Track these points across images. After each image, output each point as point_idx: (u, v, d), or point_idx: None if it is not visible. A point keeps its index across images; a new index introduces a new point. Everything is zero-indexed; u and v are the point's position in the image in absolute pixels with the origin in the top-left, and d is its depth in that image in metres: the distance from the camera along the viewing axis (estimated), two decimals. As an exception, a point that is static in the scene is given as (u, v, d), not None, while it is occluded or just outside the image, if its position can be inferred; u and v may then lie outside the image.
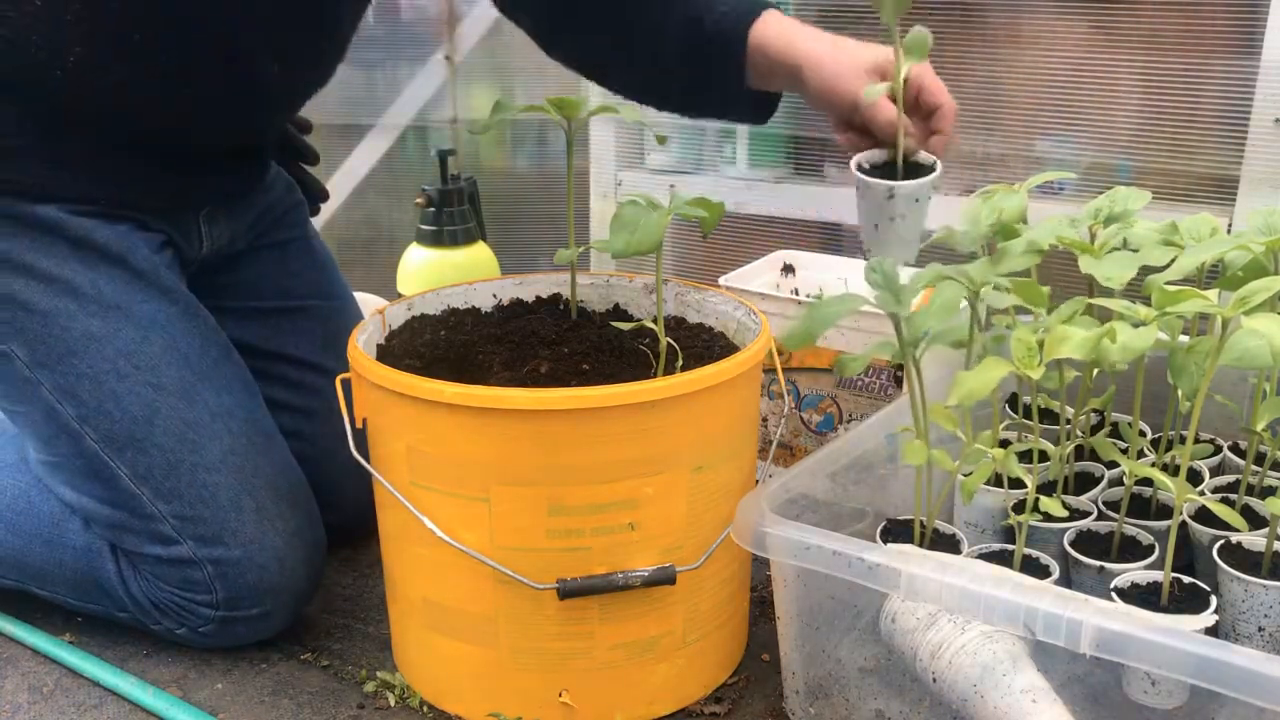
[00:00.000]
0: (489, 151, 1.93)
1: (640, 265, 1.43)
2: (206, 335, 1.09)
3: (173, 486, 1.02)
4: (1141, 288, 0.93)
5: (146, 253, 1.07)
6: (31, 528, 1.11)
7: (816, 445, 1.27)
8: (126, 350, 1.03)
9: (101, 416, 1.02)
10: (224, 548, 1.02)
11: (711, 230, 0.95)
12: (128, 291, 1.05)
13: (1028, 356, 0.83)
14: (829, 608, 0.89)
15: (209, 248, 1.17)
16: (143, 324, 1.04)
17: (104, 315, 1.03)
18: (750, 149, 1.57)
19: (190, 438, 1.03)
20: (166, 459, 1.02)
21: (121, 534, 1.06)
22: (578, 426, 0.86)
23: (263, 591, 1.03)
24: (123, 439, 1.02)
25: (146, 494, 1.02)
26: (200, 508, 1.02)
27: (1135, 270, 0.90)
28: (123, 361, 1.03)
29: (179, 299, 1.08)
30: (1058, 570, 0.88)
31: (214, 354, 1.09)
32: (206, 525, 1.02)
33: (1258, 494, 0.95)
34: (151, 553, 1.04)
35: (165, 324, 1.06)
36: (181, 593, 1.04)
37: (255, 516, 1.03)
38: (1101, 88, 1.34)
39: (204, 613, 1.04)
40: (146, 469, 1.02)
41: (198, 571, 1.02)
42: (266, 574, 1.03)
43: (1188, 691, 0.78)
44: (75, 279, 1.03)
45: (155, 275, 1.07)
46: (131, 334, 1.04)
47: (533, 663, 0.93)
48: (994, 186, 1.06)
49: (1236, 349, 0.79)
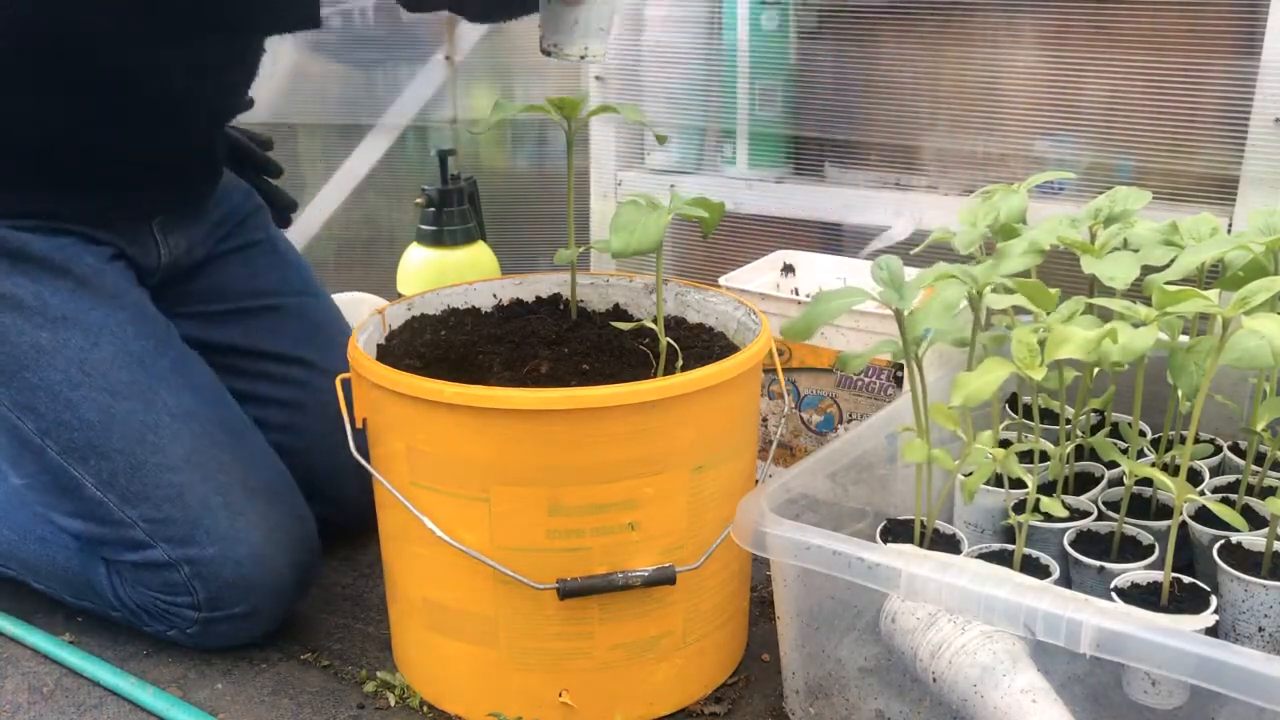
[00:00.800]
0: (489, 151, 1.93)
1: (640, 265, 1.43)
2: (160, 338, 1.09)
3: (138, 490, 1.02)
4: (1142, 288, 0.93)
5: (91, 261, 1.07)
6: (24, 523, 1.11)
7: (816, 445, 1.27)
8: (77, 359, 1.03)
9: (60, 427, 1.03)
10: (197, 547, 1.02)
11: (711, 230, 0.95)
12: (74, 301, 1.05)
13: (1029, 357, 0.83)
14: (829, 608, 0.89)
15: (168, 257, 1.17)
16: (92, 331, 1.05)
17: (51, 327, 1.04)
18: (750, 149, 1.57)
19: (150, 440, 1.03)
20: (128, 462, 1.02)
21: (98, 545, 1.06)
22: (578, 426, 0.86)
23: (243, 589, 1.03)
24: (83, 447, 1.03)
25: (113, 500, 1.03)
26: (169, 508, 1.02)
27: (1138, 270, 0.90)
28: (75, 370, 1.03)
29: (127, 304, 1.08)
30: (1058, 570, 0.87)
31: (170, 355, 1.09)
32: (177, 526, 1.02)
33: (1258, 494, 0.95)
34: (128, 559, 1.04)
35: (115, 330, 1.06)
36: (164, 596, 1.04)
37: (226, 513, 1.03)
38: (1101, 88, 1.34)
39: (188, 614, 1.04)
40: (110, 475, 1.02)
41: (175, 573, 1.02)
42: (244, 570, 1.03)
43: (1188, 691, 0.78)
44: (18, 293, 1.04)
45: (100, 282, 1.07)
46: (81, 342, 1.04)
47: (533, 663, 0.93)
48: (994, 186, 1.06)
49: (1236, 349, 0.79)
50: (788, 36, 1.52)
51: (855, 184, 1.53)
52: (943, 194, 1.46)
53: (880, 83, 1.48)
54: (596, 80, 1.64)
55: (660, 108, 1.61)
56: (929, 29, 1.43)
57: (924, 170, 1.49)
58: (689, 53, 1.58)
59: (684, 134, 1.62)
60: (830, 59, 1.50)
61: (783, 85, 1.54)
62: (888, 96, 1.48)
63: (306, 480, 1.14)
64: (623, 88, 1.63)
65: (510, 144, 1.92)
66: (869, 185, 1.52)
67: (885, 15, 1.45)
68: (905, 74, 1.45)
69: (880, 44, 1.47)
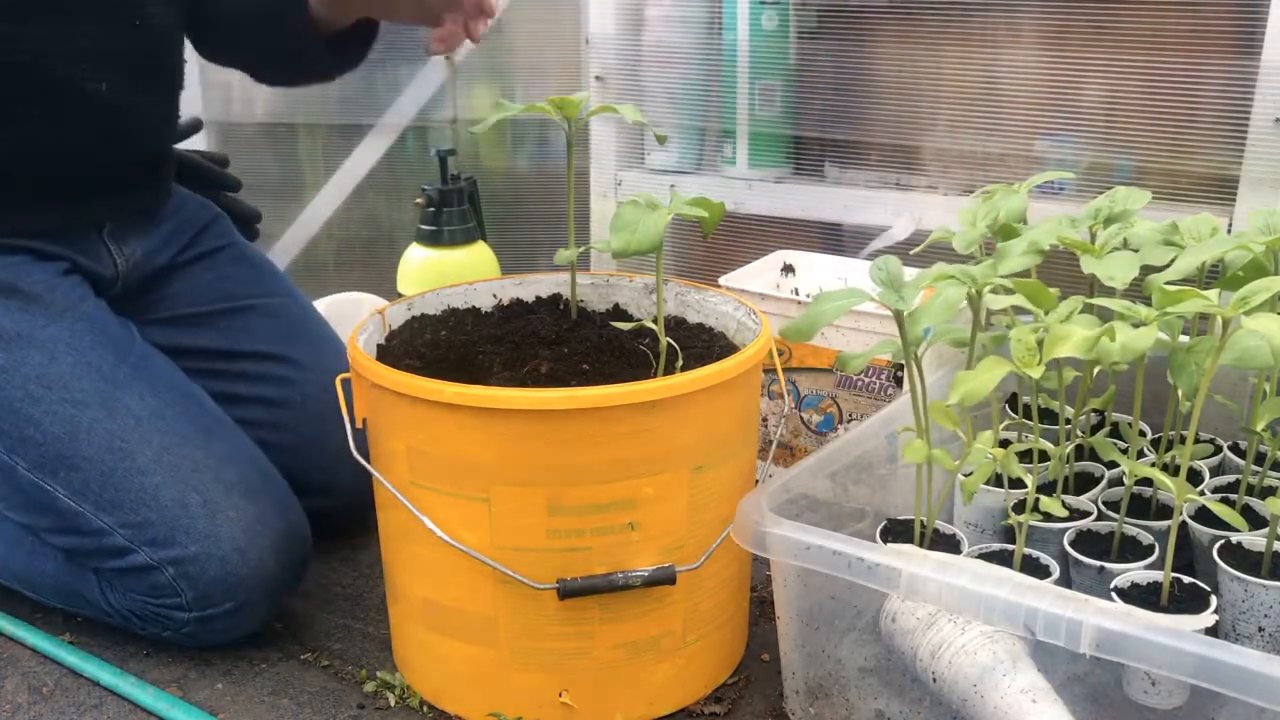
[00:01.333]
0: (489, 151, 1.93)
1: (640, 265, 1.43)
2: (120, 344, 1.10)
3: (112, 496, 1.02)
4: (1142, 288, 0.93)
5: (40, 277, 1.08)
6: (14, 536, 1.11)
7: (816, 445, 1.27)
8: (35, 374, 1.04)
9: (26, 444, 1.03)
10: (179, 547, 1.02)
11: (711, 230, 0.95)
12: (25, 318, 1.06)
13: (1028, 356, 0.83)
14: (829, 608, 0.89)
15: (125, 265, 1.17)
16: (47, 346, 1.05)
17: (5, 347, 1.04)
18: (750, 149, 1.57)
19: (118, 446, 1.03)
20: (99, 470, 1.03)
21: (82, 556, 1.06)
22: (578, 426, 0.86)
23: (230, 585, 1.03)
24: (52, 460, 1.03)
25: (88, 509, 1.03)
26: (145, 512, 1.02)
27: (1138, 270, 0.90)
28: (34, 385, 1.03)
29: (82, 316, 1.09)
30: (1058, 570, 0.87)
31: (131, 361, 1.09)
32: (156, 528, 1.02)
33: (1258, 494, 0.95)
34: (113, 566, 1.04)
35: (71, 341, 1.06)
36: (153, 600, 1.04)
37: (204, 511, 1.03)
38: (1101, 88, 1.34)
39: (178, 616, 1.04)
40: (82, 484, 1.03)
41: (160, 576, 1.02)
42: (229, 566, 1.03)
43: (1188, 691, 0.78)
44: None
45: (52, 297, 1.07)
46: (38, 358, 1.04)
47: (533, 663, 0.93)
48: (994, 186, 1.06)
49: (1236, 349, 0.79)
50: (788, 36, 1.52)
51: (855, 184, 1.53)
52: (943, 194, 1.46)
53: (880, 83, 1.48)
54: (596, 80, 1.64)
55: (660, 108, 1.61)
56: (929, 29, 1.43)
57: (924, 170, 1.49)
58: (689, 53, 1.58)
59: (684, 134, 1.62)
60: (830, 59, 1.50)
61: (783, 85, 1.54)
62: (888, 96, 1.48)
63: (298, 476, 1.14)
64: (623, 88, 1.63)
65: (510, 144, 1.92)
66: (869, 185, 1.52)
67: (885, 15, 1.46)
68: (905, 74, 1.45)
69: (880, 44, 1.47)
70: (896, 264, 0.88)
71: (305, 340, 1.26)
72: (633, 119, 1.02)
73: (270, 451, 1.13)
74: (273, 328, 1.25)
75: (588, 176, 1.70)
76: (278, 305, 1.27)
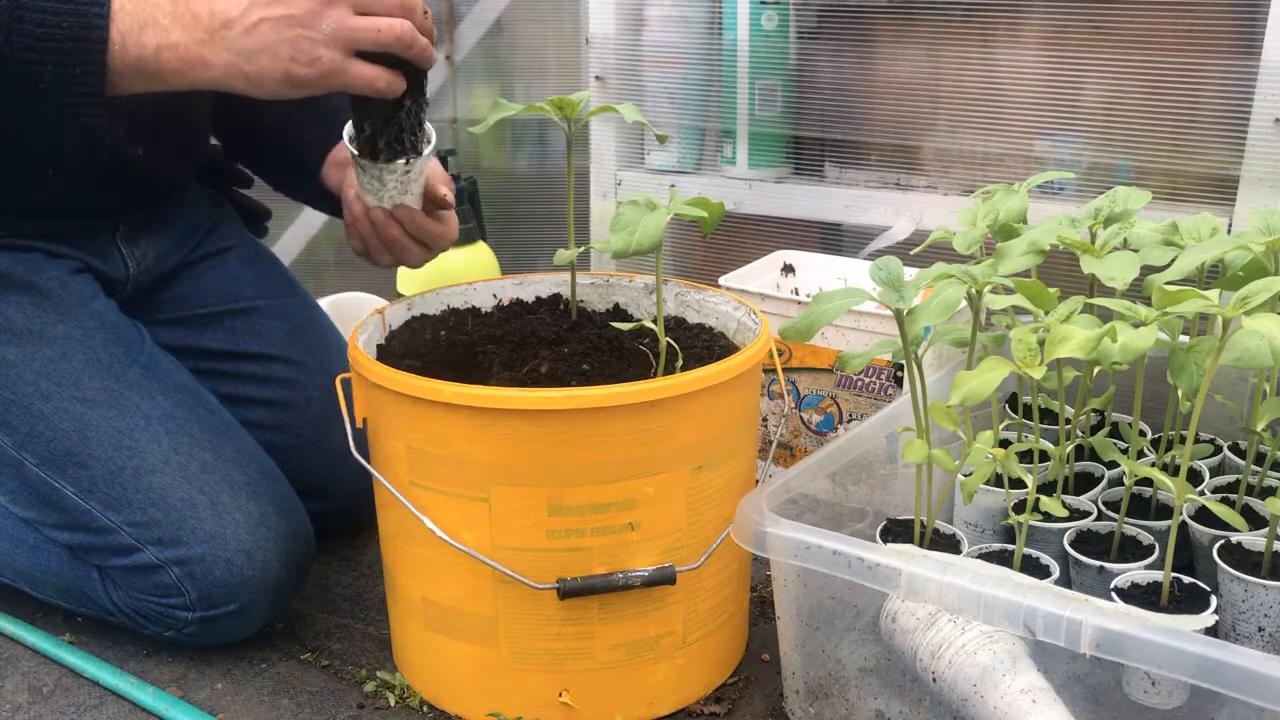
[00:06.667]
0: (489, 151, 1.93)
1: (640, 265, 1.43)
2: (130, 344, 1.10)
3: (119, 495, 1.02)
4: (1142, 288, 0.93)
5: (54, 274, 1.08)
6: (17, 533, 1.11)
7: (816, 445, 1.27)
8: (46, 371, 1.04)
9: (35, 439, 1.03)
10: (185, 547, 1.02)
11: (711, 230, 0.95)
12: (38, 314, 1.06)
13: (1029, 356, 0.83)
14: (829, 608, 0.89)
15: (136, 268, 1.17)
16: (59, 343, 1.05)
17: (17, 342, 1.04)
18: (750, 149, 1.57)
19: (127, 445, 1.03)
20: (107, 469, 1.03)
21: (87, 553, 1.06)
22: (578, 426, 0.86)
23: (234, 586, 1.03)
24: (60, 457, 1.03)
25: (95, 507, 1.03)
26: (152, 511, 1.02)
27: (1138, 270, 0.90)
28: (45, 382, 1.03)
29: (93, 314, 1.09)
30: (1058, 570, 0.88)
31: (142, 361, 1.09)
32: (162, 528, 1.02)
33: (1258, 494, 0.95)
34: (118, 564, 1.04)
35: (82, 339, 1.06)
36: (157, 599, 1.04)
37: (211, 512, 1.03)
38: (1101, 88, 1.34)
39: (182, 615, 1.04)
40: (90, 482, 1.03)
41: (166, 575, 1.02)
42: (234, 567, 1.03)
43: (1188, 691, 0.78)
44: None
45: (64, 295, 1.07)
46: (49, 354, 1.04)
47: (533, 663, 0.93)
48: (994, 186, 1.06)
49: (1236, 349, 0.79)
50: (788, 36, 1.52)
51: (855, 184, 1.53)
52: (943, 194, 1.46)
53: (880, 83, 1.48)
54: (596, 80, 1.64)
55: (660, 108, 1.61)
56: (929, 29, 1.43)
57: (924, 170, 1.49)
58: (689, 53, 1.58)
59: (684, 134, 1.62)
60: (830, 59, 1.50)
61: (783, 85, 1.54)
62: (887, 96, 1.48)
63: (300, 478, 1.14)
64: (623, 88, 1.63)
65: (510, 144, 1.92)
66: (869, 185, 1.52)
67: (885, 15, 1.46)
68: (905, 74, 1.45)
69: (880, 44, 1.47)
70: (896, 264, 0.89)
71: (309, 341, 1.26)
72: (633, 119, 1.02)
73: (272, 452, 1.13)
74: (276, 329, 1.25)
75: (587, 176, 1.70)
76: (283, 306, 1.27)
